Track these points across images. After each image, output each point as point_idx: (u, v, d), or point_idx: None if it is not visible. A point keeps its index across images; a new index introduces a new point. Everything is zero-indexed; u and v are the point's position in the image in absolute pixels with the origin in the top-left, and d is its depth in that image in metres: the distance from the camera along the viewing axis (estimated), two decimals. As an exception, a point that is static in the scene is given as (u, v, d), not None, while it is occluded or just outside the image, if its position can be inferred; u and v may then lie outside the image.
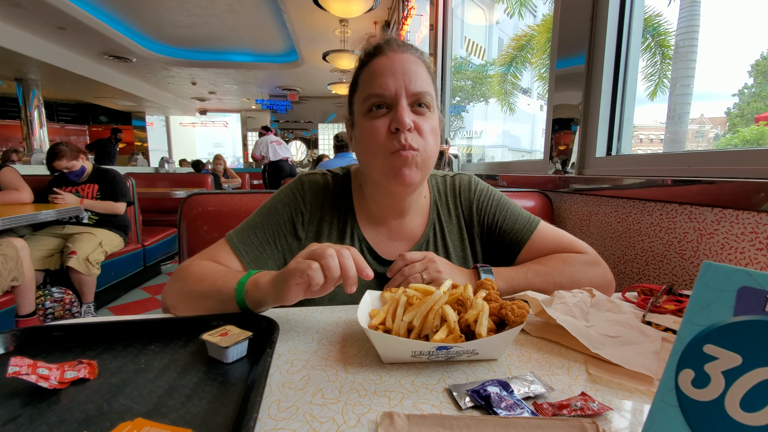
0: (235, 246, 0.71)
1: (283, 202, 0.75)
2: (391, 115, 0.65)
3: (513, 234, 0.78)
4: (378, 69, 0.66)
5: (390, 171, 0.66)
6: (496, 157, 5.21)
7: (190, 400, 0.39)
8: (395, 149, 0.64)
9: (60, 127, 11.56)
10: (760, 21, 1.56)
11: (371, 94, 0.66)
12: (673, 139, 2.57)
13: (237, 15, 5.97)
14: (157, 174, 5.30)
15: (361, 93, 0.68)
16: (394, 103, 0.65)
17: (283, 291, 0.52)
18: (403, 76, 0.65)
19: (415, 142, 0.65)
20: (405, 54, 0.67)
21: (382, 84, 0.65)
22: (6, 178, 2.50)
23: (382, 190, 0.73)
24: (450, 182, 0.83)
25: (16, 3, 5.02)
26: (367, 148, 0.67)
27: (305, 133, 12.85)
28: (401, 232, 0.78)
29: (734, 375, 0.27)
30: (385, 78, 0.65)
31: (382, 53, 0.67)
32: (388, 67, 0.66)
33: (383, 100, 0.66)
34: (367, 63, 0.69)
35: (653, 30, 3.43)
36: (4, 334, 0.50)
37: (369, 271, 0.51)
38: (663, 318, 0.57)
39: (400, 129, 0.64)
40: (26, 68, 7.07)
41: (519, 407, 0.37)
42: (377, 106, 0.66)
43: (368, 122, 0.66)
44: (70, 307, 2.39)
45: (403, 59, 0.67)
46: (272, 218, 0.74)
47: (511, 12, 5.20)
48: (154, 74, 9.05)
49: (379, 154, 0.66)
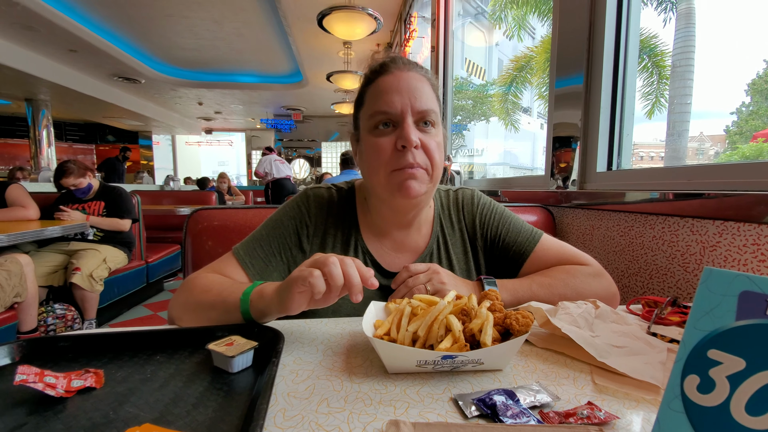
0: (241, 258, 0.72)
1: (288, 215, 0.76)
2: (397, 132, 0.66)
3: (516, 246, 0.79)
4: (384, 87, 0.68)
5: (395, 185, 0.67)
6: (498, 174, 5.25)
7: (196, 409, 0.39)
8: (401, 166, 0.66)
9: (68, 146, 11.76)
10: (755, 41, 1.59)
11: (377, 111, 0.67)
12: (673, 155, 2.59)
13: (244, 38, 6.15)
14: (162, 191, 5.36)
15: (367, 109, 0.69)
16: (400, 121, 0.66)
17: (287, 300, 0.52)
18: (408, 94, 0.66)
19: (420, 158, 0.66)
20: (410, 72, 0.69)
21: (388, 102, 0.66)
22: (13, 195, 2.53)
23: (387, 204, 0.73)
24: (453, 196, 0.84)
25: (29, 26, 5.20)
26: (373, 163, 0.68)
27: (309, 152, 13.00)
28: (405, 244, 0.78)
29: (739, 379, 0.27)
30: (391, 96, 0.66)
31: (388, 71, 0.69)
32: (394, 85, 0.67)
33: (389, 117, 0.67)
34: (373, 80, 0.70)
35: (650, 51, 3.51)
36: (11, 345, 0.50)
37: (374, 280, 0.51)
38: (668, 329, 0.57)
39: (406, 147, 0.65)
40: (37, 89, 7.25)
41: (525, 416, 0.37)
42: (384, 123, 0.67)
43: (374, 139, 0.68)
44: (72, 324, 2.38)
45: (409, 77, 0.68)
46: (278, 231, 0.75)
47: (510, 34, 5.34)
48: (162, 95, 9.26)
49: (384, 170, 0.67)
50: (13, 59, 5.90)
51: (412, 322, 0.50)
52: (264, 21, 5.57)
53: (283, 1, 4.67)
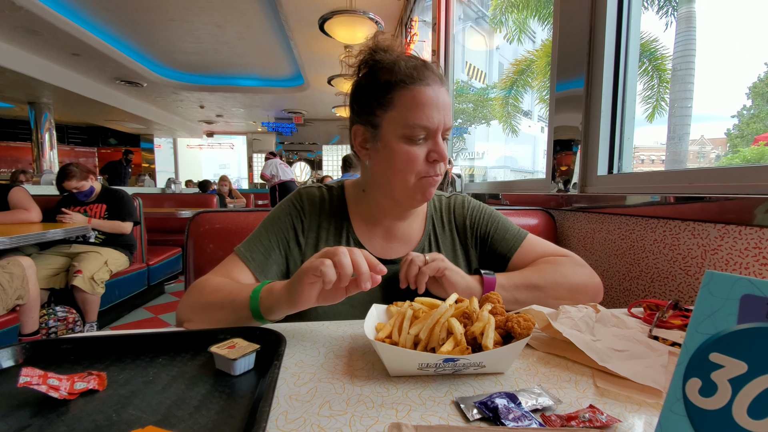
0: (242, 254, 0.75)
1: (284, 212, 0.81)
2: (429, 145, 0.71)
3: (504, 242, 0.84)
4: (425, 100, 0.68)
5: (419, 192, 0.73)
6: (498, 177, 5.26)
7: (198, 411, 0.39)
8: (428, 175, 0.71)
9: (70, 149, 11.80)
10: (756, 44, 1.60)
11: (418, 125, 0.68)
12: (674, 159, 2.59)
13: (245, 42, 6.18)
14: (163, 194, 5.37)
15: (402, 117, 0.69)
16: (434, 136, 0.70)
17: (297, 292, 0.53)
18: (443, 111, 0.70)
19: (442, 169, 0.73)
20: (443, 88, 0.71)
21: (429, 118, 0.68)
22: (15, 198, 2.54)
23: (393, 201, 0.77)
24: (446, 201, 0.90)
25: (33, 30, 5.23)
26: (402, 169, 0.71)
27: (310, 155, 13.03)
28: (397, 234, 0.83)
29: (741, 382, 0.27)
30: (431, 111, 0.68)
31: (427, 83, 0.69)
32: (433, 101, 0.68)
33: (427, 131, 0.70)
34: (409, 85, 0.69)
35: (650, 54, 3.52)
36: (15, 347, 0.51)
37: (382, 267, 0.53)
38: (670, 333, 0.57)
39: (438, 160, 0.70)
40: (39, 92, 7.29)
41: (527, 419, 0.37)
42: (419, 137, 0.70)
43: (407, 147, 0.70)
44: (73, 327, 2.38)
45: (443, 93, 0.71)
46: (275, 226, 0.79)
47: (511, 38, 5.35)
48: (164, 98, 9.29)
49: (412, 177, 0.71)
50: (17, 63, 5.93)
51: (413, 324, 0.50)
52: (266, 25, 5.60)
53: (284, 6, 4.70)
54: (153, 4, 4.93)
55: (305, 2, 4.57)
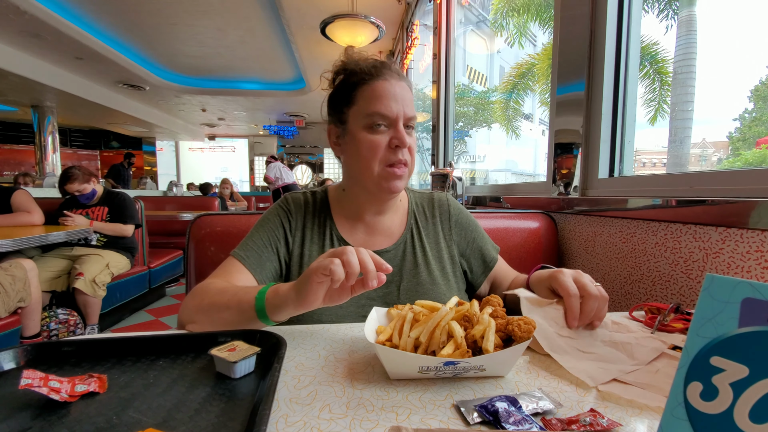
0: (238, 255, 0.79)
1: (273, 214, 0.86)
2: (391, 132, 0.75)
3: (485, 251, 0.91)
4: (382, 92, 0.75)
5: (384, 181, 0.76)
6: (500, 181, 5.26)
7: (199, 414, 0.39)
8: (392, 162, 0.75)
9: (72, 152, 11.85)
10: (757, 47, 1.60)
11: (376, 113, 0.74)
12: (676, 162, 2.59)
13: (247, 46, 6.21)
14: (165, 197, 5.39)
15: (362, 109, 0.76)
16: (394, 124, 0.75)
17: (305, 291, 0.53)
18: (402, 101, 0.75)
19: (407, 157, 0.77)
20: (401, 82, 0.78)
21: (387, 106, 0.74)
22: (18, 201, 2.55)
23: (367, 193, 0.81)
24: (428, 197, 0.95)
25: (37, 34, 5.27)
26: (367, 157, 0.76)
27: (311, 158, 13.07)
28: (378, 228, 0.86)
29: (742, 386, 0.27)
30: (388, 101, 0.74)
31: (383, 77, 0.76)
32: (390, 92, 0.75)
33: (386, 120, 0.75)
34: (366, 81, 0.76)
35: (651, 57, 3.52)
36: (17, 349, 0.51)
37: (387, 266, 0.54)
38: (671, 336, 0.57)
39: (400, 146, 0.75)
40: (43, 96, 7.33)
41: (527, 422, 0.37)
42: (379, 124, 0.75)
43: (370, 136, 0.75)
44: (74, 329, 2.38)
45: (401, 86, 0.77)
46: (266, 227, 0.84)
47: (512, 41, 5.37)
48: (166, 101, 9.34)
49: (379, 165, 0.75)
50: (21, 67, 5.97)
51: (414, 328, 0.50)
52: (268, 29, 5.63)
53: (286, 10, 4.73)
54: (156, 8, 4.96)
55: (307, 7, 4.59)
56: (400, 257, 0.84)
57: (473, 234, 0.92)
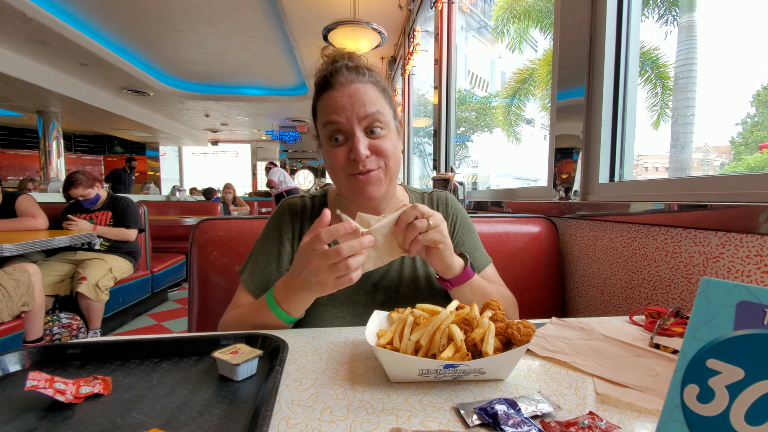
0: (246, 284, 0.81)
1: (271, 230, 0.85)
2: (349, 144, 0.72)
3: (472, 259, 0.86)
4: (330, 102, 0.72)
5: (354, 189, 0.74)
6: (501, 185, 5.26)
7: (201, 416, 0.40)
8: (355, 172, 0.72)
9: (76, 157, 11.94)
10: (759, 53, 1.60)
11: (327, 121, 0.72)
12: (677, 166, 2.59)
13: (250, 52, 6.28)
14: (167, 202, 5.41)
15: (320, 120, 0.75)
16: (350, 133, 0.71)
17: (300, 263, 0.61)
18: (353, 106, 0.70)
19: (373, 164, 0.72)
20: (353, 85, 0.72)
21: (335, 116, 0.71)
22: (23, 205, 2.57)
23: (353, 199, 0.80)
24: (428, 196, 0.94)
25: (43, 41, 5.34)
26: (333, 169, 0.75)
27: (313, 163, 13.12)
28: None
29: (738, 389, 0.27)
30: (336, 111, 0.71)
31: (332, 87, 0.72)
32: (339, 101, 0.71)
33: (339, 129, 0.72)
34: (320, 94, 0.75)
35: (652, 63, 3.53)
36: (22, 351, 0.52)
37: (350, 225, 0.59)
38: (671, 341, 0.57)
39: (357, 160, 0.70)
40: (48, 101, 7.41)
41: (526, 425, 0.37)
42: (336, 135, 0.72)
43: (330, 149, 0.74)
44: (77, 333, 2.39)
45: (352, 91, 0.71)
46: (267, 245, 0.83)
47: (513, 47, 5.40)
48: (170, 107, 9.41)
49: (342, 174, 0.74)
50: (27, 73, 6.05)
51: (414, 331, 0.50)
52: (271, 35, 5.68)
53: (289, 17, 4.78)
54: (161, 15, 5.03)
55: (310, 13, 4.64)
56: (399, 261, 0.83)
57: (464, 237, 0.89)
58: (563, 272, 1.26)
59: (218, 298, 1.07)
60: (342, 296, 0.78)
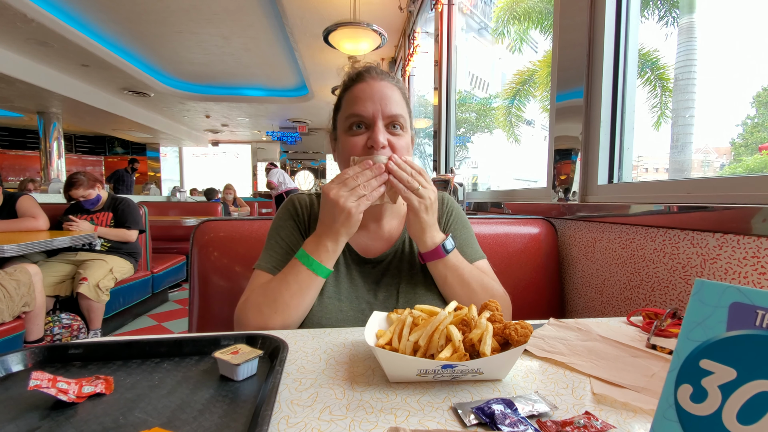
0: (263, 267, 0.80)
1: (283, 218, 0.87)
2: (368, 134, 0.76)
3: (462, 252, 0.87)
4: (359, 93, 0.77)
5: None
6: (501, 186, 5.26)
7: (202, 415, 0.40)
8: None
9: (77, 157, 11.96)
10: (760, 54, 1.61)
11: (352, 113, 0.76)
12: (677, 168, 2.60)
13: (251, 53, 6.29)
14: (168, 203, 5.42)
15: (344, 113, 0.79)
16: (372, 124, 0.75)
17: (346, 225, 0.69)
18: (380, 100, 0.75)
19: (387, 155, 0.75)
20: (383, 81, 0.78)
21: (362, 106, 0.75)
22: (24, 206, 2.58)
23: None
24: None
25: (44, 42, 5.35)
26: (345, 159, 0.77)
27: (313, 164, 13.14)
28: (379, 233, 0.87)
29: (730, 389, 0.28)
30: (364, 101, 0.75)
31: (363, 80, 0.78)
32: (367, 93, 0.76)
33: (362, 120, 0.76)
34: (349, 87, 0.79)
35: (652, 64, 3.54)
36: (25, 351, 0.52)
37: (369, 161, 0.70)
38: (668, 341, 0.58)
39: (374, 147, 0.74)
40: (49, 102, 7.43)
41: (523, 424, 0.37)
42: (357, 125, 0.76)
43: (348, 138, 0.77)
44: (77, 334, 2.39)
45: (381, 86, 0.77)
46: (282, 232, 0.85)
47: (513, 48, 5.41)
48: (170, 108, 9.43)
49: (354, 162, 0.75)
50: (27, 74, 6.06)
51: (413, 331, 0.51)
52: (271, 37, 5.69)
53: (290, 18, 4.79)
54: (161, 16, 5.04)
55: (310, 15, 4.65)
56: (398, 260, 0.85)
57: (457, 232, 0.89)
58: (562, 273, 1.26)
59: (219, 298, 1.07)
60: (346, 291, 0.80)
